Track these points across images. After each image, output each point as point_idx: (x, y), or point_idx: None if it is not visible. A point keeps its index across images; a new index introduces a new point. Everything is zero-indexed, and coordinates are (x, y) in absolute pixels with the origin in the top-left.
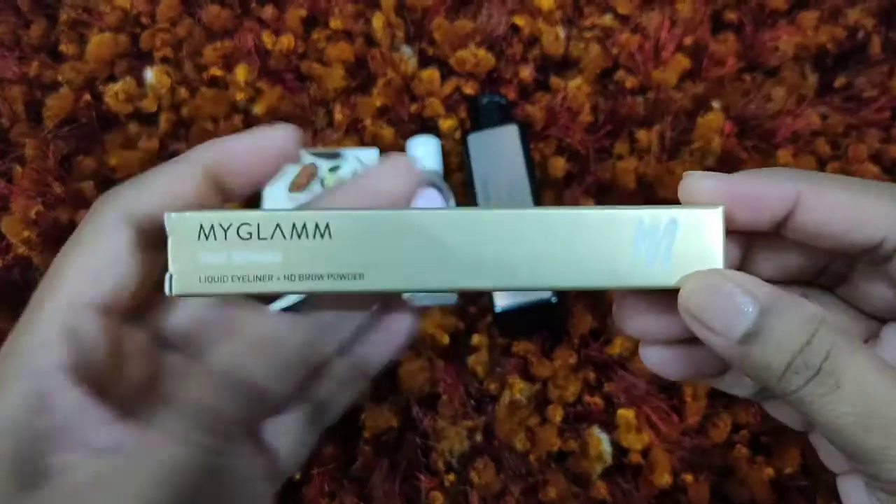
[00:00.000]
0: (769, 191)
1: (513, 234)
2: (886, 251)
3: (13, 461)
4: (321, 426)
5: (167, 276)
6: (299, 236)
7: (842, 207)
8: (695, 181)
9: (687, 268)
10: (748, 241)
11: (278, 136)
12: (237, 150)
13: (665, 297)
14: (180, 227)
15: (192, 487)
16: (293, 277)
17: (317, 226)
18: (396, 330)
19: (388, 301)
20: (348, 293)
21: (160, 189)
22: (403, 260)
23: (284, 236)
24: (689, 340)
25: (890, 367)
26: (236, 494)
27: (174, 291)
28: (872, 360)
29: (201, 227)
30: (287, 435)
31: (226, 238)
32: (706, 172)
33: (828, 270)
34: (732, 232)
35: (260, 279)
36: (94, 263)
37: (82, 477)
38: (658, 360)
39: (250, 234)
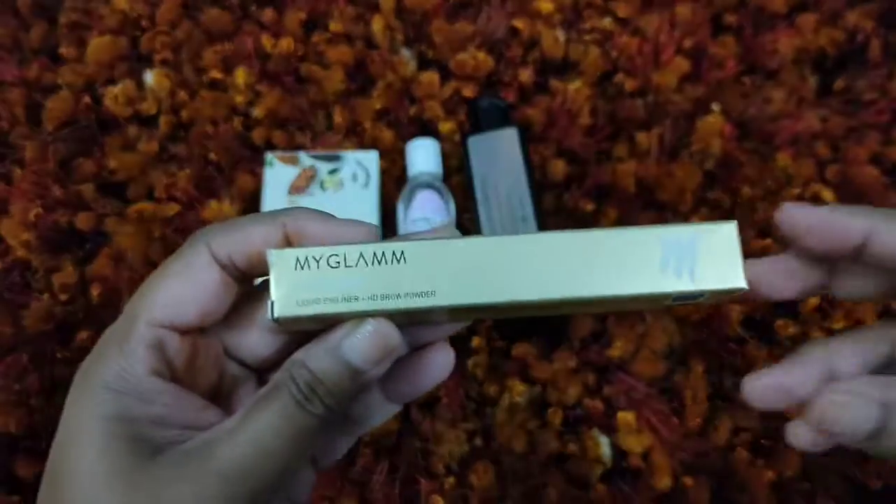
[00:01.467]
0: (848, 223)
1: (559, 253)
2: None
3: (130, 440)
4: (353, 437)
5: (269, 303)
6: (379, 263)
7: None
8: (789, 210)
9: (712, 280)
10: (835, 265)
11: (361, 233)
12: (319, 231)
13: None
14: (280, 261)
15: (286, 454)
16: (375, 297)
17: (393, 253)
18: (437, 364)
19: (431, 336)
20: (421, 309)
21: (248, 236)
22: (467, 278)
23: (367, 263)
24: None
25: None
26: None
27: (275, 315)
28: None
29: (297, 259)
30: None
31: (318, 267)
32: (798, 204)
33: None
34: (822, 257)
35: (347, 300)
36: (185, 293)
37: (190, 445)
38: (807, 441)
39: (338, 263)
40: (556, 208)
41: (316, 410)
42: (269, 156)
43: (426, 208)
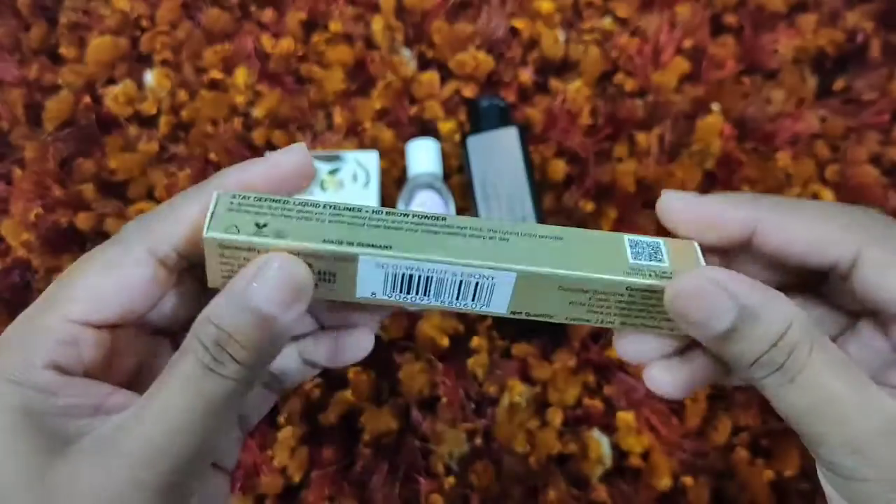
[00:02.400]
0: (729, 215)
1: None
2: (842, 271)
3: (37, 434)
4: (276, 394)
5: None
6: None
7: (797, 235)
8: (668, 200)
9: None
10: (727, 254)
11: (292, 156)
12: (255, 176)
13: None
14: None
15: (200, 429)
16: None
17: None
18: (356, 345)
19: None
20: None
21: (183, 219)
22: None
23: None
24: (684, 351)
25: (844, 366)
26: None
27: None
28: (828, 358)
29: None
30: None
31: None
32: (679, 193)
33: (804, 273)
34: (710, 248)
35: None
36: (109, 291)
37: (103, 431)
38: (660, 379)
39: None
40: (556, 208)
41: (228, 372)
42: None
43: (426, 208)
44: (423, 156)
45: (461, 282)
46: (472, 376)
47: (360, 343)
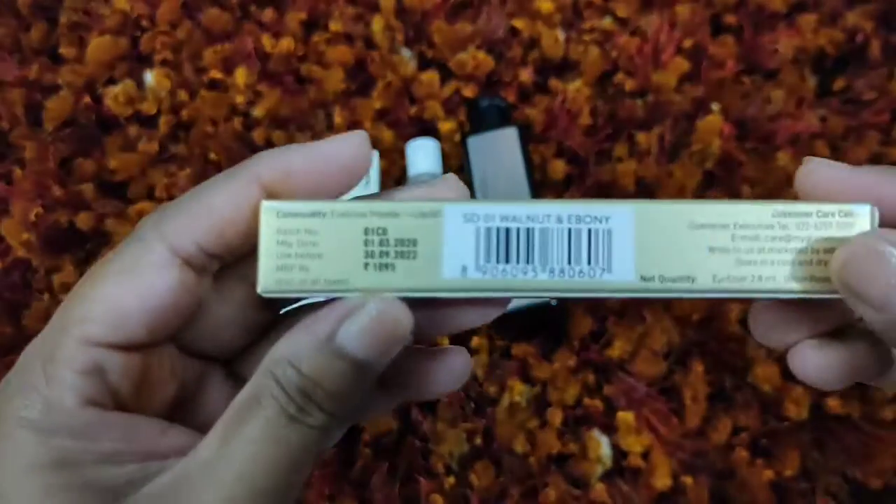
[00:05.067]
0: (887, 190)
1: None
2: None
3: (75, 492)
4: (346, 428)
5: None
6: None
7: None
8: (814, 168)
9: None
10: None
11: (347, 145)
12: (300, 164)
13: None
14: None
15: (283, 485)
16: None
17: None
18: (451, 370)
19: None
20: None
21: (210, 210)
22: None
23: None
24: (837, 336)
25: None
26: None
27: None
28: None
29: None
30: None
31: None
32: (826, 160)
33: None
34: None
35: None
36: (130, 302)
37: (159, 487)
38: (812, 362)
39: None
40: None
41: (315, 422)
42: None
43: None
44: (423, 156)
45: (570, 232)
46: (472, 376)
47: (457, 365)
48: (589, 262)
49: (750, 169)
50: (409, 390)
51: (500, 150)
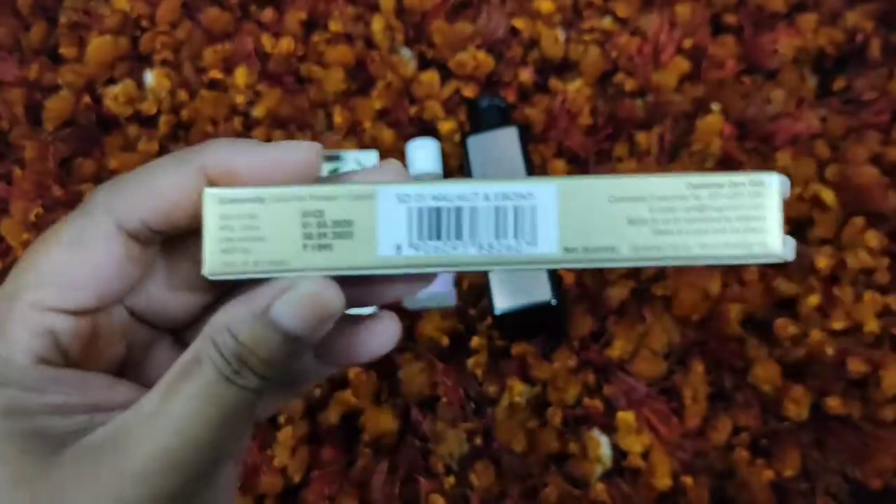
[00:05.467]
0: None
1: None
2: None
3: (24, 438)
4: (287, 398)
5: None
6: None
7: None
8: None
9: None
10: None
11: (295, 153)
12: (244, 164)
13: None
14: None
15: (217, 441)
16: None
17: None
18: (381, 335)
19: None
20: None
21: (157, 193)
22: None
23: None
24: None
25: None
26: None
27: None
28: None
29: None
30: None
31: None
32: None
33: None
34: None
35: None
36: (79, 270)
37: (101, 436)
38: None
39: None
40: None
41: (248, 384)
42: None
43: None
44: (423, 156)
45: (496, 209)
46: (472, 376)
47: (384, 331)
48: (515, 237)
49: (750, 169)
50: (341, 356)
51: (500, 149)
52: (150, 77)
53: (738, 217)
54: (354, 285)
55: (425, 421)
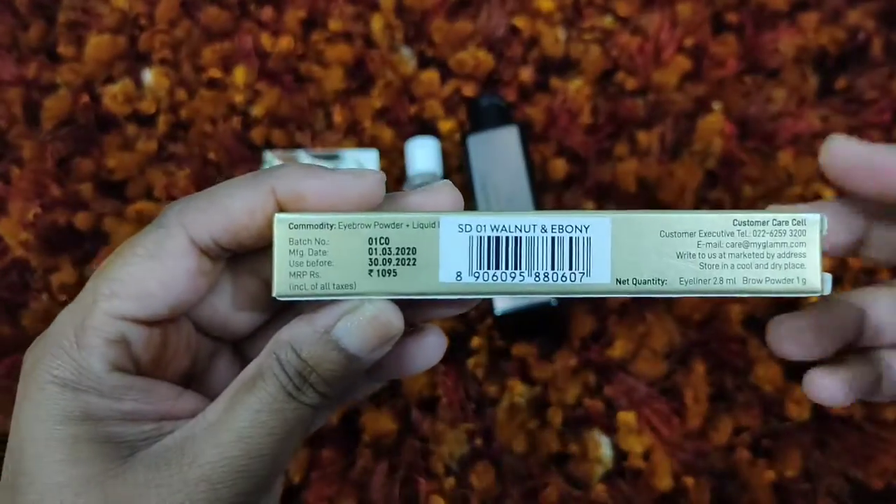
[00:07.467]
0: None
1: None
2: None
3: (98, 443)
4: (332, 412)
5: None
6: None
7: None
8: (838, 145)
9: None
10: (869, 220)
11: (362, 183)
12: (314, 190)
13: (818, 316)
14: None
15: (277, 452)
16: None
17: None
18: (429, 349)
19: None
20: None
21: (229, 212)
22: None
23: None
24: (840, 361)
25: None
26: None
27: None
28: None
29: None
30: None
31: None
32: (848, 138)
33: None
34: (857, 203)
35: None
36: (154, 283)
37: (168, 443)
38: (826, 385)
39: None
40: (557, 208)
41: (308, 400)
42: (268, 155)
43: None
44: (423, 155)
45: (553, 240)
46: (472, 376)
47: (432, 346)
48: (570, 267)
49: (751, 168)
50: (391, 371)
51: (500, 149)
52: (148, 76)
53: (780, 254)
54: (406, 306)
55: (425, 421)
